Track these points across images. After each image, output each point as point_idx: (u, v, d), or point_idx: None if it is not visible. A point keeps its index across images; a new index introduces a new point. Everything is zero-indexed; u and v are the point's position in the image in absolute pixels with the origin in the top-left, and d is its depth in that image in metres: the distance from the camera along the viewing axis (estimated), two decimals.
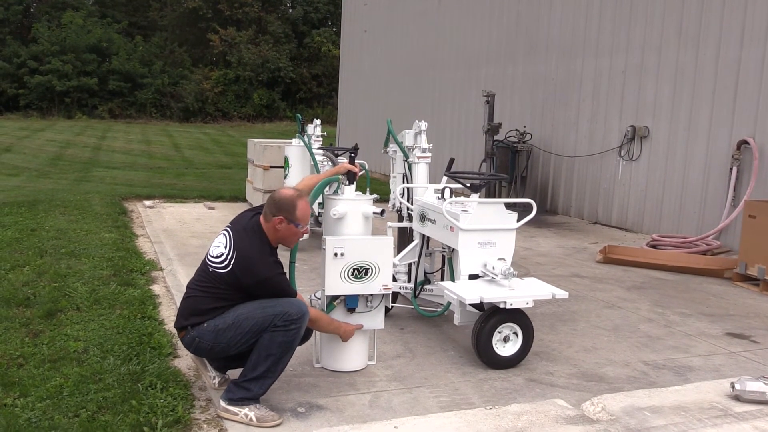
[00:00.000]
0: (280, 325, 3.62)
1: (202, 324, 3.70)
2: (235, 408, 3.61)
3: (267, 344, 3.63)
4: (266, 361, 3.63)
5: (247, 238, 3.76)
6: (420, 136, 5.65)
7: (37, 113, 36.64)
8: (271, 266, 3.71)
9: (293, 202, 3.77)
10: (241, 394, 3.63)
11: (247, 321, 3.64)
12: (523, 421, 3.56)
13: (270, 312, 3.64)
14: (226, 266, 3.69)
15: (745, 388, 3.88)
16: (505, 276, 4.52)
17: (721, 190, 8.92)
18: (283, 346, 3.64)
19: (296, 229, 3.79)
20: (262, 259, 3.71)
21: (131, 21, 44.41)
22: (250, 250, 3.71)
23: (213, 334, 3.67)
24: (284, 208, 3.75)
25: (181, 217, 9.93)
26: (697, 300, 6.51)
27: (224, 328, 3.66)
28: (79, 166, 17.34)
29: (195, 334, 3.71)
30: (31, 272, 6.25)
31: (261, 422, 3.57)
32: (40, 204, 9.95)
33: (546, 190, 12.15)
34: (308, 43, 43.49)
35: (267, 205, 3.82)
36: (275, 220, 3.75)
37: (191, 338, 3.73)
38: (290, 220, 3.75)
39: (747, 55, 8.61)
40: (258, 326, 3.63)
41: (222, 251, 3.74)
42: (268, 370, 3.65)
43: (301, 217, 3.78)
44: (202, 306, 3.73)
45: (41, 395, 3.73)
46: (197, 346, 3.75)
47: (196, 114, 39.56)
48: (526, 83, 12.73)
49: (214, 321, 3.68)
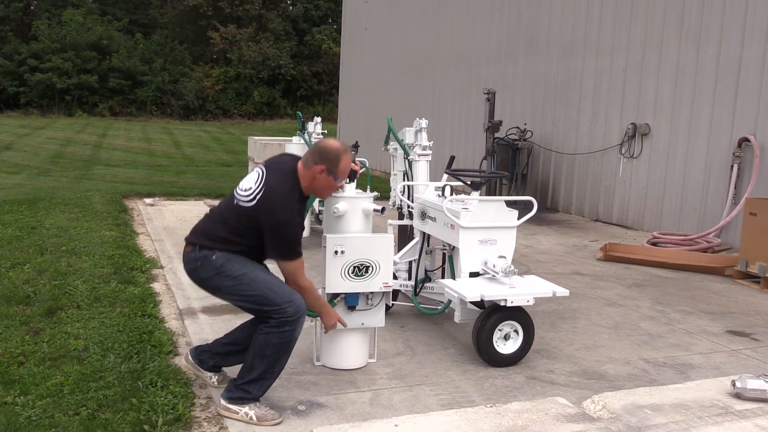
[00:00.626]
0: (274, 324, 3.57)
1: (212, 254, 3.65)
2: (235, 407, 3.60)
3: (262, 346, 3.59)
4: (263, 363, 3.60)
5: (281, 179, 3.68)
6: (420, 134, 5.64)
7: (37, 111, 36.66)
8: (293, 213, 3.62)
9: (338, 154, 3.70)
10: (241, 394, 3.61)
11: (248, 286, 3.60)
12: (524, 419, 3.55)
13: (271, 297, 3.58)
14: (251, 200, 3.61)
15: (746, 385, 3.88)
16: (505, 274, 4.52)
17: (721, 188, 8.92)
18: (279, 347, 3.60)
19: (334, 182, 3.74)
20: (288, 203, 3.61)
21: (131, 18, 44.41)
22: (279, 191, 3.62)
23: (215, 271, 3.64)
24: (328, 158, 3.68)
25: (182, 215, 9.93)
26: (697, 298, 6.51)
27: (227, 274, 3.62)
28: (79, 164, 17.34)
29: (200, 256, 3.68)
30: (32, 270, 6.25)
31: (261, 421, 3.55)
32: (40, 202, 9.95)
33: (547, 187, 12.14)
34: (309, 40, 43.48)
35: (310, 152, 3.74)
36: (316, 168, 3.67)
37: (195, 258, 3.70)
38: (331, 171, 3.69)
39: (748, 53, 8.59)
40: (253, 300, 3.61)
41: (251, 185, 3.67)
42: (265, 372, 3.62)
43: (342, 171, 3.74)
44: (217, 232, 3.69)
45: (41, 393, 3.73)
46: (195, 269, 3.72)
47: (197, 112, 39.57)
48: (527, 81, 12.72)
49: (223, 260, 3.63)
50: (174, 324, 5.08)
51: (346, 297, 4.23)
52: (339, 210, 4.15)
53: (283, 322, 3.57)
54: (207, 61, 43.63)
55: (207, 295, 5.79)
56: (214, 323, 5.13)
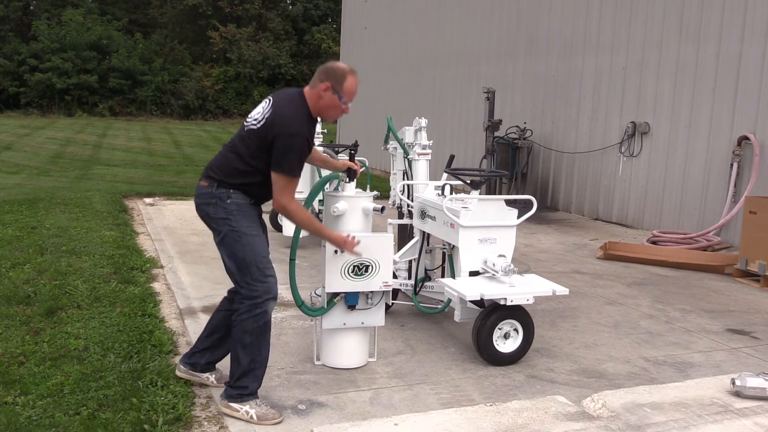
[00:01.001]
0: (245, 310, 3.61)
1: (227, 196, 3.67)
2: (236, 404, 3.61)
3: (240, 336, 3.62)
4: (246, 352, 3.62)
5: (289, 99, 3.73)
6: (420, 133, 5.65)
7: (37, 111, 36.68)
8: (302, 127, 3.63)
9: (344, 73, 3.72)
10: (238, 391, 3.63)
11: (242, 247, 3.63)
12: (524, 418, 3.55)
13: (252, 270, 3.62)
14: (260, 121, 3.64)
15: (745, 384, 3.88)
16: (505, 273, 4.52)
17: (721, 186, 8.92)
18: (255, 332, 3.62)
19: (339, 101, 3.72)
20: (297, 118, 3.64)
21: (131, 18, 44.41)
22: (288, 107, 3.67)
23: (224, 214, 3.66)
24: (333, 75, 3.70)
25: (182, 214, 9.93)
26: (697, 296, 6.51)
27: (233, 225, 3.65)
28: (79, 164, 17.34)
29: (216, 194, 3.67)
30: (32, 270, 6.25)
31: (261, 420, 3.55)
32: (40, 202, 9.95)
33: (546, 186, 12.14)
34: (308, 40, 43.49)
35: (317, 72, 3.77)
36: (321, 86, 3.69)
37: (210, 194, 3.69)
38: (336, 89, 3.69)
39: (748, 51, 8.59)
40: (239, 262, 3.63)
41: (259, 111, 3.71)
42: (252, 361, 3.63)
43: (348, 90, 3.72)
44: (231, 164, 3.69)
45: (42, 393, 3.73)
46: (206, 205, 3.71)
47: (197, 111, 39.58)
48: (527, 80, 12.72)
49: (236, 207, 3.67)
50: (174, 323, 5.08)
51: (346, 296, 4.23)
52: (339, 209, 4.15)
53: (253, 304, 3.60)
54: (207, 61, 43.65)
55: (207, 294, 5.84)
56: None
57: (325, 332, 4.32)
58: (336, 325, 4.27)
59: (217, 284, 6.23)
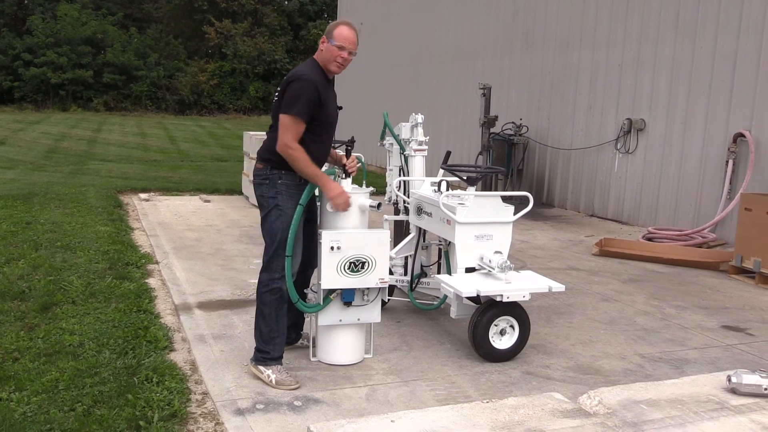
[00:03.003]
0: (264, 282, 4.01)
1: (278, 178, 4.01)
2: (262, 367, 4.00)
3: (259, 306, 4.04)
4: (265, 322, 4.02)
5: (301, 64, 4.15)
6: (416, 129, 5.63)
7: (31, 106, 36.54)
8: (309, 72, 3.99)
9: (336, 25, 4.12)
10: (262, 355, 4.02)
11: (280, 223, 3.98)
12: (520, 415, 3.55)
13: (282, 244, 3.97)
14: (281, 89, 4.02)
15: (741, 380, 3.88)
16: (501, 269, 4.51)
17: (717, 183, 8.93)
18: (272, 304, 4.02)
19: (334, 48, 4.03)
20: (303, 68, 4.04)
21: (126, 13, 44.24)
22: (298, 67, 4.11)
23: (274, 192, 4.01)
24: (328, 31, 4.10)
25: (177, 210, 9.91)
26: (693, 293, 6.52)
27: (279, 203, 4.00)
28: (74, 159, 17.28)
29: (269, 175, 4.03)
30: (27, 266, 6.23)
31: (279, 385, 3.91)
32: (35, 197, 9.92)
33: (542, 182, 12.14)
34: (304, 35, 43.40)
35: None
36: (321, 41, 4.11)
37: (264, 176, 4.05)
38: (329, 38, 4.05)
39: (743, 47, 8.60)
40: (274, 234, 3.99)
41: (282, 85, 4.06)
42: (271, 330, 4.02)
43: (338, 36, 4.04)
44: (272, 146, 4.03)
45: (37, 389, 3.72)
46: (260, 185, 4.07)
47: (192, 106, 39.49)
48: (523, 76, 12.71)
49: (285, 188, 4.01)
50: (169, 319, 5.07)
51: (342, 293, 4.22)
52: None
53: (270, 278, 4.00)
54: (202, 56, 43.52)
55: (202, 290, 5.84)
56: (209, 318, 5.12)
57: (321, 329, 4.32)
58: (332, 322, 4.26)
59: (212, 280, 6.22)
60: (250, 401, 3.75)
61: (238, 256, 7.20)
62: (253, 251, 7.45)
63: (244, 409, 3.65)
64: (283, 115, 3.92)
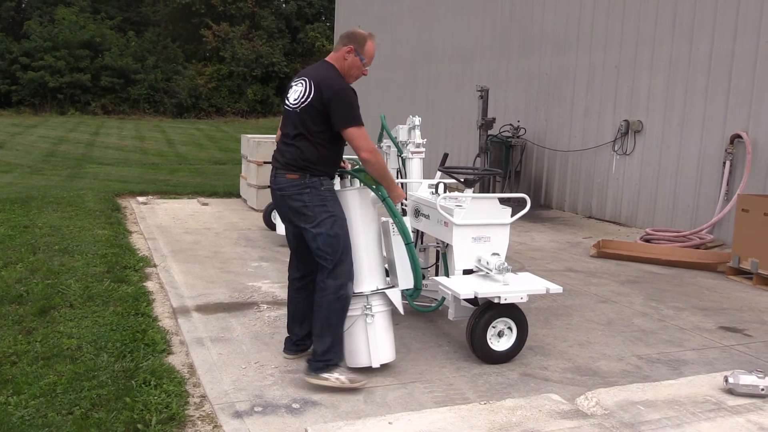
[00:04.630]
0: (332, 291, 3.91)
1: (320, 183, 3.94)
2: (326, 374, 3.92)
3: (326, 316, 3.94)
4: (331, 331, 3.96)
5: (323, 68, 4.08)
6: (414, 131, 5.65)
7: (29, 109, 36.49)
8: (344, 81, 4.00)
9: (365, 37, 4.12)
10: (326, 363, 3.94)
11: (337, 227, 3.92)
12: (518, 416, 3.56)
13: (345, 248, 3.94)
14: (308, 96, 3.94)
15: (738, 381, 3.89)
16: (499, 271, 4.52)
17: (714, 184, 8.94)
18: (340, 312, 3.97)
19: (360, 63, 4.09)
20: (336, 77, 4.01)
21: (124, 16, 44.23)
22: (325, 73, 4.01)
23: (319, 201, 3.93)
24: (356, 39, 4.08)
25: (175, 213, 9.91)
26: (690, 294, 6.53)
27: (328, 209, 3.94)
28: (72, 163, 17.27)
29: (310, 183, 3.95)
30: (24, 269, 6.22)
31: (353, 382, 3.92)
32: (32, 201, 9.92)
33: (540, 184, 12.16)
34: (302, 38, 43.40)
35: (339, 38, 4.16)
36: (344, 49, 4.07)
37: (303, 185, 3.95)
38: (357, 52, 4.07)
39: (740, 48, 8.62)
40: (334, 239, 3.90)
41: (298, 91, 4.01)
42: (335, 338, 3.98)
43: (368, 53, 4.12)
44: (308, 151, 3.96)
45: (34, 393, 3.72)
46: (299, 195, 3.94)
47: (190, 110, 39.46)
48: (520, 78, 12.73)
49: (329, 194, 3.98)
50: (167, 323, 5.07)
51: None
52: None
53: (339, 285, 3.92)
54: (200, 59, 43.48)
55: (200, 293, 5.83)
56: (207, 321, 5.13)
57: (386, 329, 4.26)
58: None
59: (210, 283, 6.22)
60: (248, 404, 3.75)
61: (236, 259, 7.20)
62: (251, 254, 7.45)
63: (242, 412, 3.65)
64: (353, 128, 3.90)
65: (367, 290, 4.14)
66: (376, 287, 4.16)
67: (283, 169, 4.02)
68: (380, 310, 4.18)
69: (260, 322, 5.15)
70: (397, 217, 4.13)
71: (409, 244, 4.17)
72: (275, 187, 4.09)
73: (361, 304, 4.13)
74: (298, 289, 4.34)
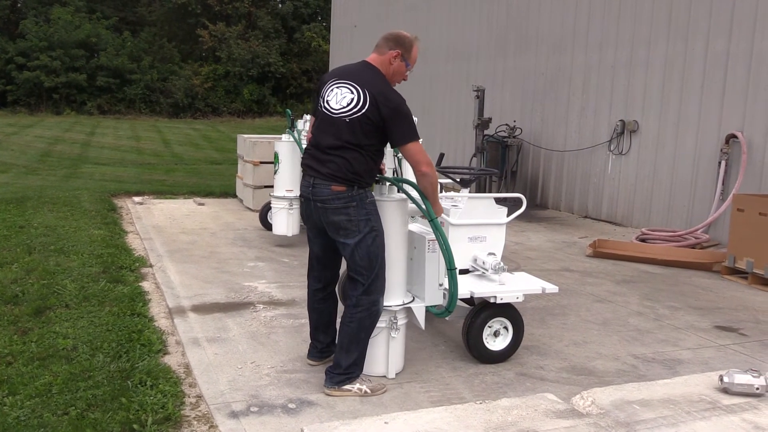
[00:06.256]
0: (365, 307, 3.83)
1: (365, 195, 3.81)
2: (347, 386, 3.89)
3: (356, 331, 3.86)
4: (358, 346, 3.90)
5: (371, 75, 3.88)
6: None
7: (25, 109, 36.39)
8: (398, 96, 3.84)
9: (411, 42, 3.97)
10: (348, 376, 3.90)
11: (376, 245, 3.81)
12: (514, 416, 3.56)
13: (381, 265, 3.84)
14: (361, 107, 3.76)
15: (733, 380, 3.90)
16: (495, 270, 4.53)
17: (709, 184, 8.96)
18: (369, 328, 3.92)
19: (405, 69, 3.99)
20: (390, 88, 3.87)
21: (120, 16, 44.13)
22: (378, 83, 3.84)
23: (365, 215, 3.80)
24: (403, 44, 3.94)
25: (171, 213, 9.89)
26: (686, 293, 6.55)
27: (371, 224, 3.82)
28: (68, 163, 17.23)
29: (356, 195, 3.79)
30: (20, 269, 6.21)
31: (375, 392, 3.91)
32: (28, 201, 9.89)
33: (536, 184, 12.17)
34: (298, 38, 43.34)
35: (384, 39, 3.98)
36: (391, 53, 3.93)
37: (350, 197, 3.78)
38: (404, 57, 3.95)
39: (735, 48, 8.64)
40: (371, 257, 3.80)
41: (347, 97, 3.81)
42: (361, 353, 3.93)
43: (413, 59, 4.00)
44: (357, 162, 3.79)
45: (30, 393, 3.71)
46: (344, 209, 3.78)
47: (186, 110, 39.38)
48: (517, 77, 12.74)
49: (374, 208, 3.85)
50: (163, 323, 5.06)
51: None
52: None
53: (372, 301, 3.85)
54: (196, 59, 43.41)
55: (196, 293, 5.82)
56: (203, 321, 5.12)
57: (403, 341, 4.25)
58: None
59: (206, 283, 6.22)
60: (245, 404, 3.75)
61: (233, 259, 7.20)
62: (247, 254, 7.44)
63: (239, 412, 3.65)
64: (413, 144, 3.79)
65: (396, 305, 4.07)
66: (403, 302, 4.11)
67: (327, 180, 3.79)
68: (403, 323, 4.18)
69: (256, 323, 5.15)
70: (444, 241, 4.01)
71: (452, 269, 4.04)
72: (314, 198, 3.83)
73: (388, 317, 4.08)
74: (320, 300, 4.21)
